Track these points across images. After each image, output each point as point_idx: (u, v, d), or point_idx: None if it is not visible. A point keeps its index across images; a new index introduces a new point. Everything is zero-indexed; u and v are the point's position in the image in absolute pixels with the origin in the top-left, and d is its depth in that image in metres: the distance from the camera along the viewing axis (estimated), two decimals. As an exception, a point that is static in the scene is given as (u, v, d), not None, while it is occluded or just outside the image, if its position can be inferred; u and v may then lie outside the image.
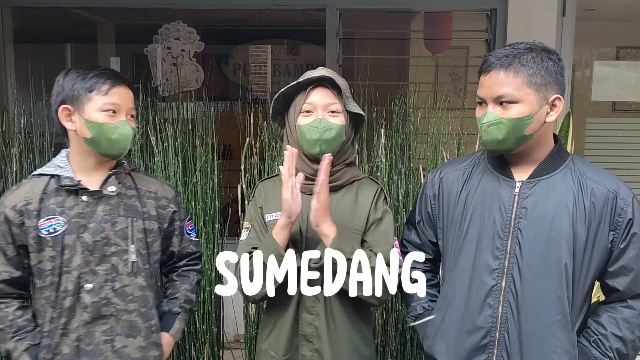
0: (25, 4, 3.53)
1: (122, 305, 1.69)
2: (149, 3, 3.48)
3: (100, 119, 1.63)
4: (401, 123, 2.82)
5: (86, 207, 1.67)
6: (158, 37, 3.86)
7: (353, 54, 3.50)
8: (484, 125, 1.52)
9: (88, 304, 1.65)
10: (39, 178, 1.70)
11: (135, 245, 1.71)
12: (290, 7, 3.44)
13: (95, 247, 1.66)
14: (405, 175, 2.71)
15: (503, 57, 1.52)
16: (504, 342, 1.55)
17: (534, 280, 1.52)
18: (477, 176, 1.66)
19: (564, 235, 1.52)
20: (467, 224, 1.62)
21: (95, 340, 1.66)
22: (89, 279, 1.65)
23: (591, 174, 1.57)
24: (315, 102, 1.71)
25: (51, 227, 1.65)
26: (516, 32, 3.23)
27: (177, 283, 1.90)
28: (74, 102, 1.64)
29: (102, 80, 1.64)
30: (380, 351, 2.63)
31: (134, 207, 1.74)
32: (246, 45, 5.17)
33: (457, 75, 4.90)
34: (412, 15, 4.38)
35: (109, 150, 1.66)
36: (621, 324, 1.56)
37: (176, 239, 1.87)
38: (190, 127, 2.77)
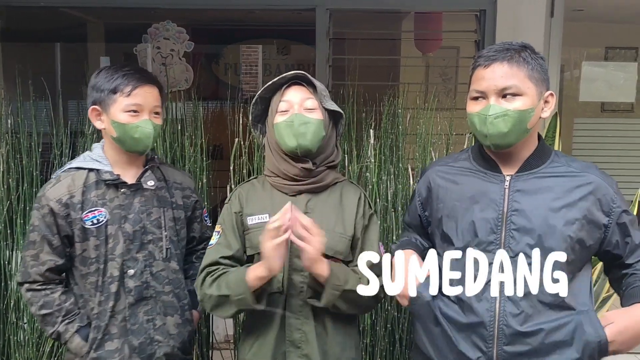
0: (14, 3, 3.50)
1: (160, 287, 1.87)
2: (140, 3, 3.46)
3: (123, 119, 1.77)
4: (390, 123, 2.83)
5: (125, 199, 1.83)
6: (147, 36, 3.84)
7: (343, 54, 3.50)
8: (490, 118, 1.51)
9: (132, 288, 1.82)
10: (77, 172, 1.83)
11: (167, 233, 1.89)
12: (281, 8, 3.44)
13: (135, 235, 1.83)
14: (395, 175, 2.71)
15: (504, 51, 1.53)
16: (503, 335, 1.52)
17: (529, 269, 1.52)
18: (465, 174, 1.66)
19: (557, 226, 1.52)
20: (457, 221, 1.61)
21: (139, 320, 1.84)
22: (131, 265, 1.82)
23: (577, 165, 1.61)
24: (291, 99, 1.73)
25: (95, 219, 1.80)
26: (505, 33, 3.24)
27: (197, 264, 1.98)
28: (101, 103, 1.80)
29: (126, 82, 1.77)
30: (370, 351, 2.64)
31: (164, 198, 1.91)
32: (237, 45, 5.16)
33: (448, 75, 4.92)
34: (403, 15, 4.39)
35: (134, 147, 1.81)
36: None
37: (197, 225, 2.06)
38: (179, 127, 2.76)
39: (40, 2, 3.39)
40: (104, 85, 1.79)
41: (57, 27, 4.90)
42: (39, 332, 2.67)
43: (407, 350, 2.63)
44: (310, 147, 1.70)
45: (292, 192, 1.73)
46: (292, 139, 1.69)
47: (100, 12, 4.76)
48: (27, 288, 1.83)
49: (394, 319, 2.61)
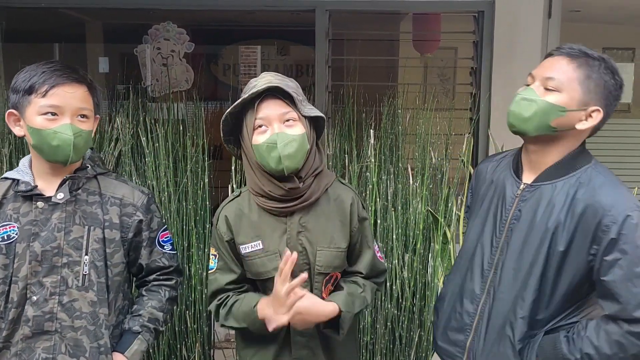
0: (14, 3, 3.52)
1: (69, 321, 1.56)
2: (139, 3, 3.48)
3: (38, 123, 1.51)
4: (390, 124, 2.85)
5: (40, 214, 1.56)
6: (148, 37, 3.86)
7: (342, 54, 3.52)
8: (518, 97, 1.53)
9: (30, 317, 1.54)
10: (4, 182, 1.61)
11: (89, 256, 1.58)
12: (280, 8, 3.46)
13: (44, 256, 1.54)
14: (394, 175, 2.74)
15: (576, 49, 1.52)
16: (478, 328, 1.61)
17: (509, 280, 1.56)
18: (498, 173, 1.70)
19: (544, 242, 1.51)
20: (476, 215, 1.70)
21: (34, 356, 1.55)
22: (35, 291, 1.54)
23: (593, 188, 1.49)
24: (267, 115, 1.56)
25: (5, 234, 1.55)
26: (503, 34, 3.27)
27: (145, 299, 1.74)
28: (18, 106, 1.54)
29: (42, 80, 1.51)
30: (370, 349, 2.66)
31: (93, 215, 1.61)
32: (236, 46, 5.18)
33: (446, 75, 4.94)
34: (401, 16, 4.41)
35: (53, 157, 1.54)
36: (601, 334, 1.45)
37: (145, 250, 1.71)
38: (181, 127, 2.79)
39: (42, 2, 3.41)
40: (20, 86, 1.53)
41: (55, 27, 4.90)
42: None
43: (407, 348, 2.66)
44: (295, 167, 1.57)
45: (281, 214, 1.62)
46: (277, 161, 1.54)
47: (98, 12, 4.76)
48: None
49: (394, 317, 2.63)
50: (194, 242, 2.65)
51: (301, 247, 1.64)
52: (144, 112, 2.89)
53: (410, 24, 4.14)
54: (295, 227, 1.63)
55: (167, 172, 2.69)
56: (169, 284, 1.78)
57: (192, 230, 2.67)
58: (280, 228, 1.63)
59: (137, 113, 2.84)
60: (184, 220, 2.67)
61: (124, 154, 2.73)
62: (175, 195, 2.68)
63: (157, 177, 2.67)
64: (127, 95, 2.87)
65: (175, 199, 2.67)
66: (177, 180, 2.73)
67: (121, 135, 2.73)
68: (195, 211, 2.69)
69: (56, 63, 1.56)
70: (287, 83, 1.61)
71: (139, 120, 2.79)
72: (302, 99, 1.63)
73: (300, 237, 1.64)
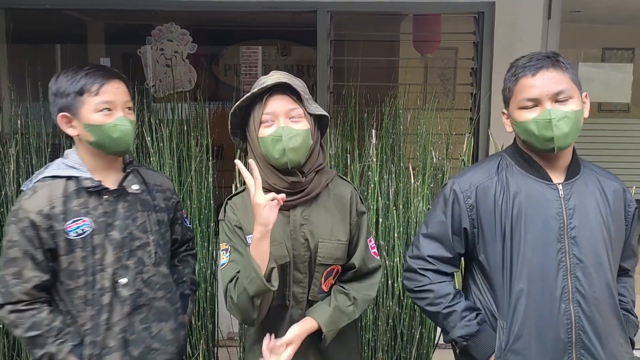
0: (19, 5, 3.55)
1: (152, 293, 1.77)
2: (142, 5, 3.51)
3: (97, 120, 1.64)
4: (391, 123, 2.88)
5: (109, 206, 1.70)
6: (151, 38, 3.89)
7: (344, 55, 3.55)
8: (554, 121, 1.55)
9: (126, 297, 1.71)
10: (54, 180, 1.69)
11: (154, 237, 1.78)
12: (282, 10, 3.49)
13: (124, 243, 1.71)
14: (396, 174, 2.76)
15: (544, 59, 1.59)
16: (581, 341, 1.58)
17: (596, 277, 1.60)
18: (516, 181, 1.65)
19: (604, 230, 1.63)
20: (524, 231, 1.61)
21: (136, 329, 1.74)
22: (123, 274, 1.71)
23: (602, 172, 1.72)
24: (275, 110, 1.63)
25: (79, 229, 1.66)
26: (503, 35, 3.30)
27: (181, 268, 1.98)
28: (69, 108, 1.65)
29: (91, 80, 1.63)
30: (372, 346, 2.69)
31: (147, 202, 1.79)
32: (237, 46, 5.20)
33: (446, 76, 4.97)
34: (402, 17, 4.44)
35: (114, 149, 1.68)
36: (630, 290, 1.77)
37: (179, 227, 1.96)
38: (185, 127, 2.82)
39: (46, 3, 3.44)
40: (68, 89, 1.64)
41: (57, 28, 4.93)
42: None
43: (409, 344, 2.69)
44: (299, 161, 1.63)
45: (285, 208, 1.65)
46: (282, 153, 1.60)
47: (100, 13, 4.78)
48: (10, 310, 1.66)
49: (396, 314, 2.66)
50: (198, 240, 2.68)
51: (303, 239, 1.68)
52: (148, 112, 2.92)
53: (411, 25, 4.17)
54: (298, 219, 1.68)
55: (172, 172, 2.72)
56: (193, 252, 2.09)
57: (197, 229, 2.70)
58: (284, 220, 1.67)
59: (141, 113, 2.87)
60: (189, 219, 2.69)
61: (129, 153, 2.75)
62: (179, 194, 2.71)
63: (162, 177, 2.69)
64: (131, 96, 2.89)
65: (179, 198, 2.70)
66: (182, 179, 2.76)
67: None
68: (200, 210, 2.73)
69: (92, 65, 1.69)
70: (295, 82, 1.67)
71: (143, 121, 2.82)
72: (309, 97, 1.69)
73: (303, 229, 1.68)
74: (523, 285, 1.60)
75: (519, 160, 1.68)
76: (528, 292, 1.60)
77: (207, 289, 2.70)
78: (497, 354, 1.63)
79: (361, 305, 1.74)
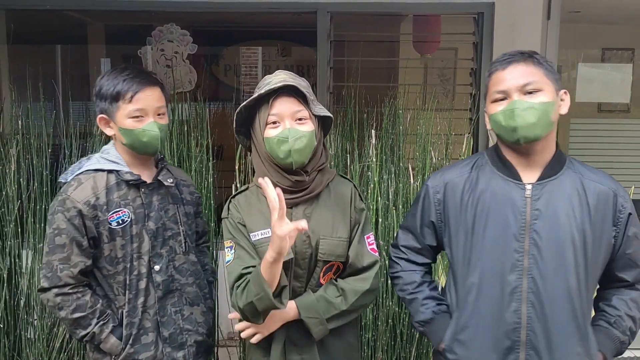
0: (19, 5, 3.56)
1: (184, 279, 1.95)
2: (142, 6, 3.52)
3: (129, 125, 1.81)
4: (391, 124, 2.89)
5: (145, 198, 1.88)
6: (152, 39, 3.89)
7: (344, 56, 3.56)
8: (517, 110, 1.55)
9: (160, 282, 1.89)
10: (97, 173, 1.85)
11: (184, 227, 1.97)
12: (282, 10, 3.49)
13: (158, 232, 1.89)
14: (395, 174, 2.77)
15: (519, 54, 1.61)
16: (530, 342, 1.59)
17: (554, 279, 1.58)
18: (485, 179, 1.68)
19: (575, 234, 1.58)
20: (482, 228, 1.65)
21: (167, 312, 1.91)
22: (157, 261, 1.89)
23: (590, 174, 1.66)
24: (281, 112, 1.66)
25: (120, 219, 1.84)
26: (503, 35, 3.31)
27: (201, 257, 2.12)
28: (107, 111, 1.84)
29: (126, 88, 1.79)
30: (372, 345, 2.70)
31: (175, 196, 1.98)
32: (237, 47, 5.20)
33: (446, 76, 4.97)
34: (401, 17, 4.44)
35: (144, 150, 1.86)
36: (631, 305, 1.68)
37: (200, 220, 2.14)
38: (185, 128, 2.82)
39: (46, 4, 3.45)
40: (107, 94, 1.82)
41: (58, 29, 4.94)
42: (49, 329, 2.73)
43: (408, 344, 2.69)
44: (303, 162, 1.68)
45: (288, 205, 1.67)
46: (287, 154, 1.64)
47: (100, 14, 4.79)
48: (56, 293, 1.81)
49: (395, 314, 2.67)
50: (198, 240, 2.68)
51: (305, 236, 1.70)
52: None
53: (411, 26, 4.17)
54: (300, 217, 1.70)
55: (172, 172, 2.72)
56: (208, 244, 2.29)
57: (197, 229, 2.70)
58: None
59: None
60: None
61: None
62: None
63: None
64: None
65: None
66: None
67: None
68: (200, 210, 2.73)
69: (132, 69, 1.84)
70: (300, 82, 1.70)
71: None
72: (313, 98, 1.72)
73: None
74: (475, 279, 1.65)
75: (494, 159, 1.70)
76: (479, 286, 1.65)
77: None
78: (446, 342, 1.71)
79: (350, 297, 1.72)
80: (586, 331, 1.61)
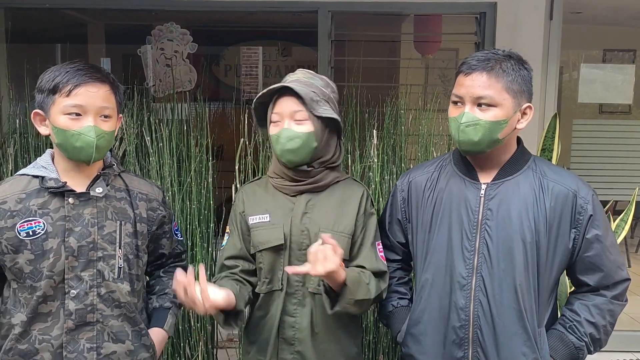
0: (19, 4, 3.54)
1: (108, 311, 1.61)
2: (143, 5, 3.50)
3: (63, 123, 1.52)
4: (393, 124, 2.87)
5: (72, 209, 1.58)
6: (151, 38, 3.88)
7: (344, 55, 3.54)
8: (462, 126, 1.55)
9: (72, 311, 1.57)
10: (20, 177, 1.62)
11: (123, 249, 1.64)
12: (283, 10, 3.48)
13: (81, 252, 1.57)
14: (397, 175, 2.75)
15: (485, 61, 1.56)
16: (477, 339, 1.60)
17: (502, 279, 1.58)
18: (445, 179, 1.70)
19: (527, 234, 1.57)
20: (438, 225, 1.67)
21: (79, 347, 1.59)
22: (74, 285, 1.57)
23: (552, 174, 1.63)
24: (281, 111, 1.70)
25: (30, 230, 1.56)
26: (505, 35, 3.29)
27: (165, 279, 1.85)
28: (43, 105, 1.56)
29: (66, 79, 1.52)
30: (372, 348, 2.68)
31: (123, 210, 1.66)
32: (237, 47, 5.19)
33: (447, 77, 4.95)
34: (403, 18, 4.44)
35: (76, 157, 1.57)
36: (593, 310, 1.63)
37: (167, 241, 1.84)
38: (184, 127, 2.80)
39: (46, 3, 3.43)
40: (44, 85, 1.54)
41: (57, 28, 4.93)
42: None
43: (409, 347, 2.67)
44: (298, 161, 1.71)
45: (292, 193, 1.75)
46: (281, 153, 1.70)
47: (100, 13, 4.78)
48: None
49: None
50: (197, 241, 2.67)
51: (304, 227, 1.72)
52: (148, 112, 2.91)
53: (412, 26, 4.16)
54: (301, 207, 1.74)
55: (171, 172, 2.70)
56: (182, 264, 1.92)
57: (196, 229, 2.68)
58: (288, 207, 1.74)
59: (141, 113, 2.85)
60: (188, 220, 2.69)
61: (129, 153, 2.74)
62: (179, 194, 2.69)
63: (161, 177, 2.68)
64: (131, 96, 2.88)
65: (179, 199, 2.69)
66: (181, 179, 2.74)
67: (125, 135, 2.75)
68: (199, 210, 2.71)
69: (80, 62, 1.57)
70: (308, 81, 1.72)
71: (143, 120, 2.81)
72: (319, 99, 1.71)
73: (305, 217, 1.72)
74: (428, 276, 1.68)
75: (457, 159, 1.71)
76: (432, 282, 1.67)
77: (207, 290, 2.69)
78: (401, 335, 1.76)
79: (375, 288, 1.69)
80: (535, 333, 1.60)
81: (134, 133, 2.76)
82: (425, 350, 1.68)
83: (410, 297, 1.83)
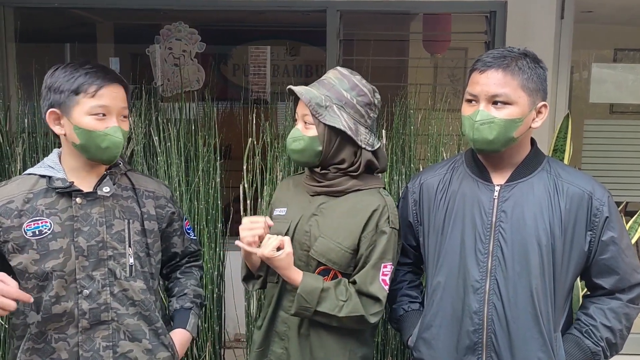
0: (28, 3, 3.55)
1: (123, 309, 1.62)
2: (151, 4, 3.50)
3: (88, 124, 1.53)
4: (402, 124, 2.85)
5: (79, 209, 1.58)
6: (160, 37, 3.87)
7: (353, 55, 3.53)
8: (477, 124, 1.53)
9: (86, 310, 1.58)
10: (27, 177, 1.62)
11: (133, 248, 1.64)
12: (291, 9, 3.46)
13: (91, 251, 1.58)
14: (406, 175, 2.73)
15: (501, 58, 1.53)
16: (491, 343, 1.57)
17: (517, 282, 1.55)
18: (457, 181, 1.67)
19: (542, 237, 1.54)
20: (450, 228, 1.64)
21: (95, 346, 1.59)
22: (86, 285, 1.58)
23: (566, 176, 1.60)
24: (297, 112, 1.77)
25: (37, 229, 1.56)
26: (515, 35, 3.26)
27: (183, 280, 1.87)
28: (61, 105, 1.55)
29: (90, 80, 1.53)
30: (381, 350, 2.66)
31: (130, 209, 1.66)
32: (246, 46, 5.18)
33: (456, 76, 4.93)
34: (412, 17, 4.41)
35: (98, 157, 1.58)
36: (609, 314, 1.61)
37: (178, 239, 1.84)
38: (192, 127, 2.79)
39: (54, 2, 3.43)
40: (64, 86, 1.53)
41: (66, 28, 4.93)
42: None
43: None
44: (304, 162, 1.77)
45: (311, 192, 1.78)
46: (288, 151, 1.81)
47: (109, 13, 4.78)
48: None
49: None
50: (205, 241, 2.66)
51: (308, 228, 1.73)
52: (156, 111, 2.90)
53: (421, 25, 4.14)
54: (313, 208, 1.75)
55: (179, 172, 2.70)
56: (198, 264, 1.94)
57: (204, 229, 2.67)
58: (303, 205, 1.78)
59: (149, 113, 2.85)
60: (196, 220, 2.68)
61: (137, 153, 2.74)
62: (187, 194, 2.69)
63: (169, 176, 2.68)
64: (140, 95, 2.88)
65: (187, 198, 2.68)
66: (189, 179, 2.74)
67: (133, 134, 2.74)
68: (207, 210, 2.70)
69: (93, 64, 1.58)
70: (329, 83, 1.74)
71: (151, 120, 2.80)
72: (329, 104, 1.70)
73: (312, 219, 1.73)
74: (441, 279, 1.65)
75: (469, 160, 1.68)
76: (445, 285, 1.64)
77: (214, 291, 2.68)
78: (412, 339, 1.73)
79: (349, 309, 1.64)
80: (551, 337, 1.57)
81: (142, 133, 2.75)
82: (438, 355, 1.65)
83: (422, 301, 1.80)
